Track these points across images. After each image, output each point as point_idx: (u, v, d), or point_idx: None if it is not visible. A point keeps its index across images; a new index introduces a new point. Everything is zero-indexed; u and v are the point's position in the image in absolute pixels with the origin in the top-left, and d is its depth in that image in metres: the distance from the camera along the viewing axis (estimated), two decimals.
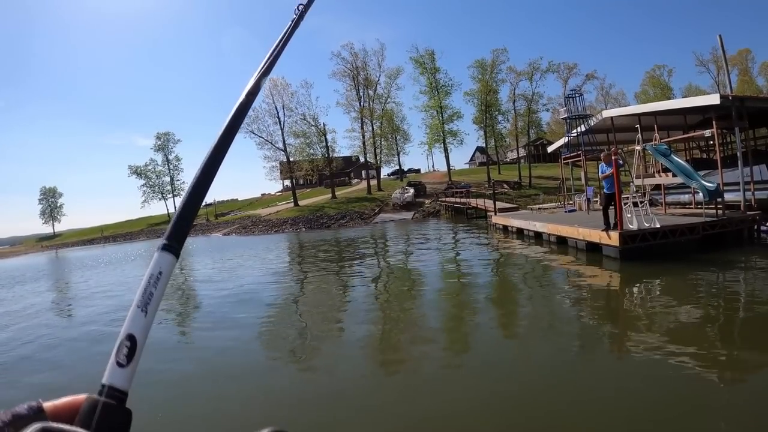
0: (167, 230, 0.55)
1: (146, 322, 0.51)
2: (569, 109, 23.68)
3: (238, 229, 45.34)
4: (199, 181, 0.59)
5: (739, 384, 4.27)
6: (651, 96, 60.41)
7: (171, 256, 0.54)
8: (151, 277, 0.52)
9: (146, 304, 0.51)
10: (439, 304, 8.74)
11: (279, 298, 10.58)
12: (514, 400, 4.30)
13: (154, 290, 0.52)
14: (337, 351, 6.38)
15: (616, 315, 7.18)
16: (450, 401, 4.35)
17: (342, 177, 69.61)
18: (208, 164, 0.60)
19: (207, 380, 5.50)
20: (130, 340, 0.49)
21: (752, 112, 13.72)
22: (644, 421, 3.65)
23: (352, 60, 52.78)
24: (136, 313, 0.51)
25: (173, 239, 0.55)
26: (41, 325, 9.88)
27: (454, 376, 5.06)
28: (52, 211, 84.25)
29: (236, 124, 0.64)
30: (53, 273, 24.84)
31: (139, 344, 0.49)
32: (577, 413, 3.91)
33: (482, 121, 52.41)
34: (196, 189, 0.58)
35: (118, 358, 0.48)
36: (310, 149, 53.22)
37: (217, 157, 0.61)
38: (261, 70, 0.71)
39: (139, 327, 0.50)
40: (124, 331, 0.49)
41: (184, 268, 19.77)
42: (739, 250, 10.68)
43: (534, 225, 15.84)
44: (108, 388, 0.46)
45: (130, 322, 0.50)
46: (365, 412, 4.36)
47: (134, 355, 0.48)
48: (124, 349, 0.48)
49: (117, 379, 0.47)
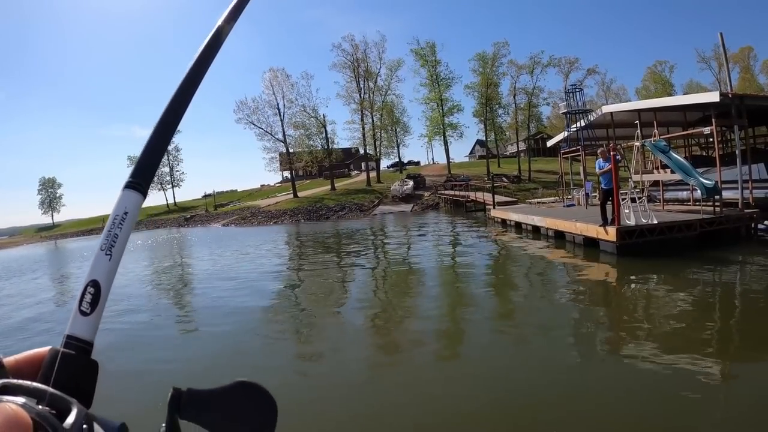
0: (133, 167, 0.52)
1: (111, 267, 0.47)
2: (569, 103, 23.61)
3: (238, 220, 45.38)
4: (169, 113, 0.55)
5: (735, 380, 4.34)
6: (652, 92, 60.17)
7: (137, 194, 0.51)
8: (116, 218, 0.49)
9: (111, 247, 0.47)
10: (437, 297, 8.81)
11: (277, 289, 10.64)
12: (511, 396, 4.36)
13: (119, 232, 0.48)
14: (335, 344, 6.44)
15: (611, 311, 7.24)
16: (447, 395, 4.42)
17: (341, 169, 69.47)
18: (179, 94, 0.55)
19: (201, 371, 5.58)
20: (94, 286, 0.46)
21: (752, 110, 13.72)
22: (640, 416, 3.71)
23: (353, 52, 52.55)
24: (100, 258, 0.47)
25: (139, 176, 0.51)
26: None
27: (451, 371, 5.13)
28: (51, 202, 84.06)
29: (213, 49, 0.59)
30: (55, 264, 24.94)
31: (104, 291, 0.46)
32: (572, 408, 3.97)
33: (482, 115, 52.31)
34: (165, 121, 0.54)
35: (82, 306, 0.45)
36: (309, 141, 53.10)
37: (187, 91, 0.56)
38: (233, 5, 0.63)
39: (104, 272, 0.47)
40: (87, 277, 0.46)
41: (183, 258, 19.81)
42: (736, 247, 10.74)
43: (532, 219, 15.88)
44: (69, 338, 0.43)
45: (94, 268, 0.47)
46: (363, 407, 4.41)
47: (99, 302, 0.45)
48: (87, 297, 0.45)
49: (80, 329, 0.44)
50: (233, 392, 0.45)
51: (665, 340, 5.25)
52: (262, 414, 0.45)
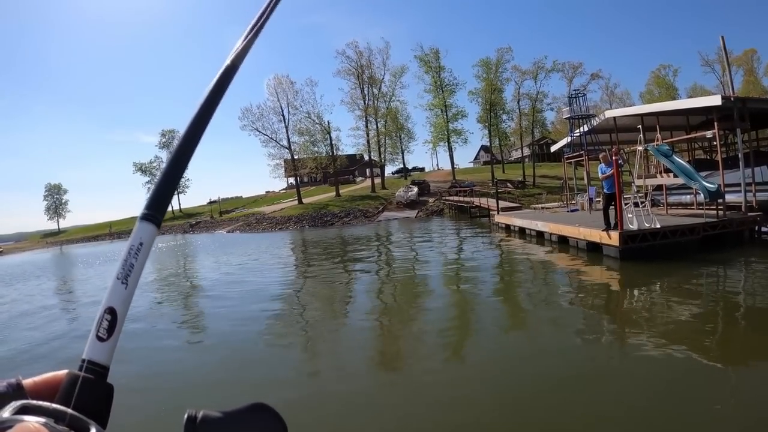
0: (148, 199, 0.54)
1: (127, 295, 0.49)
2: (572, 108, 23.67)
3: (243, 227, 45.59)
4: (181, 151, 0.56)
5: (739, 383, 4.34)
6: (656, 96, 60.18)
7: (152, 226, 0.53)
8: (132, 249, 0.51)
9: (126, 276, 0.50)
10: (442, 301, 8.84)
11: (283, 297, 10.67)
12: (517, 399, 4.39)
13: (135, 261, 0.50)
14: (342, 347, 6.52)
15: (614, 314, 7.26)
16: (453, 398, 4.46)
17: (346, 175, 69.76)
18: (191, 129, 0.57)
19: (209, 372, 5.65)
20: (110, 313, 0.48)
21: (755, 113, 13.73)
22: (645, 417, 3.75)
23: (357, 58, 52.95)
24: (117, 286, 0.49)
25: (154, 209, 0.53)
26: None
27: (459, 375, 5.16)
28: (56, 208, 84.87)
29: (222, 87, 0.61)
30: (60, 271, 25.11)
31: (120, 317, 0.48)
32: (578, 410, 4.00)
33: (487, 120, 52.41)
34: (177, 159, 0.56)
35: (99, 332, 0.47)
36: (314, 147, 53.48)
37: (202, 122, 0.58)
38: (251, 30, 0.66)
39: (120, 300, 0.49)
40: (104, 305, 0.48)
41: (187, 266, 19.94)
42: (739, 250, 10.73)
43: (536, 224, 15.92)
44: (88, 362, 0.45)
45: (111, 295, 0.49)
46: (368, 409, 4.45)
47: (115, 328, 0.48)
48: (104, 323, 0.47)
49: (97, 354, 0.46)
50: (247, 414, 0.46)
51: (668, 344, 5.25)
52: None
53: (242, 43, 0.64)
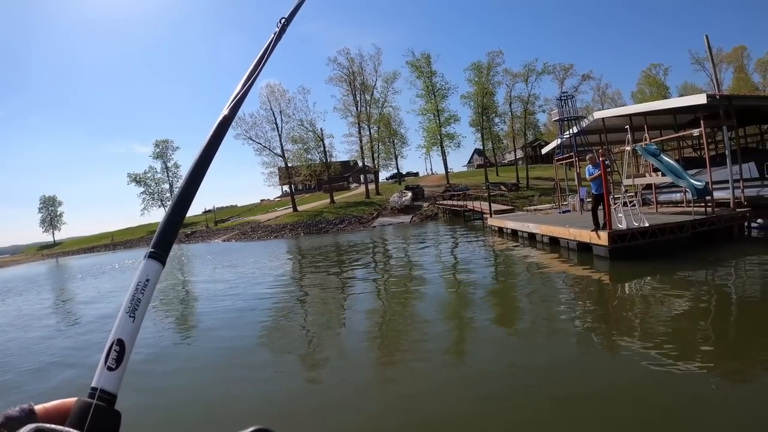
0: (154, 239, 0.58)
1: (134, 327, 0.53)
2: (561, 111, 23.79)
3: (238, 235, 45.46)
4: (185, 191, 0.61)
5: (728, 378, 4.33)
6: (647, 95, 60.57)
7: (157, 263, 0.57)
8: (139, 284, 0.54)
9: (134, 310, 0.53)
10: (437, 305, 8.82)
11: (280, 301, 10.61)
12: (510, 399, 4.39)
13: (142, 296, 0.54)
14: (339, 352, 6.51)
15: (604, 313, 7.26)
16: (449, 401, 4.45)
17: (340, 182, 69.82)
18: (193, 175, 0.61)
19: (208, 383, 5.62)
20: (119, 344, 0.51)
21: (741, 110, 13.85)
22: (637, 416, 3.76)
23: (349, 65, 53.12)
24: (125, 319, 0.52)
25: (159, 247, 0.57)
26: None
27: (453, 375, 5.17)
28: (52, 220, 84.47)
29: (220, 135, 0.65)
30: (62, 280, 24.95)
31: (128, 348, 0.51)
32: (569, 410, 3.99)
33: (479, 124, 52.68)
34: (181, 199, 0.60)
35: (108, 362, 0.50)
36: (308, 155, 53.44)
37: (202, 167, 0.62)
38: (245, 84, 0.70)
39: (128, 332, 0.52)
40: (113, 336, 0.51)
41: (185, 274, 19.85)
42: (728, 246, 10.80)
43: (528, 226, 15.96)
44: (99, 391, 0.48)
45: (119, 328, 0.52)
46: (366, 413, 4.43)
47: (123, 359, 0.51)
48: (113, 354, 0.50)
49: (107, 383, 0.49)
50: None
51: (658, 342, 5.25)
52: None
53: (238, 93, 0.68)
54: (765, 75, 60.96)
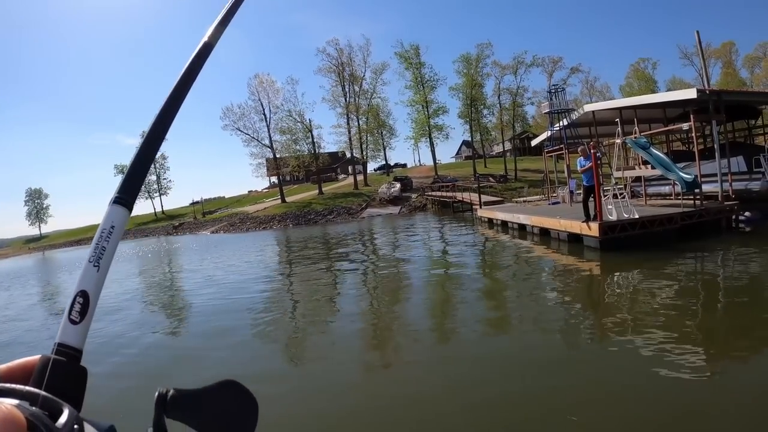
0: (120, 183, 0.54)
1: (99, 278, 0.50)
2: (551, 103, 23.86)
3: (226, 227, 45.08)
4: (153, 134, 0.57)
5: (716, 369, 4.36)
6: (636, 89, 61.13)
7: (123, 209, 0.53)
8: (103, 232, 0.51)
9: (98, 259, 0.50)
10: (427, 297, 8.82)
11: (269, 294, 10.52)
12: (500, 394, 4.34)
13: (107, 244, 0.51)
14: (328, 348, 6.40)
15: (595, 304, 7.31)
16: (438, 395, 4.43)
17: (329, 173, 69.49)
18: (162, 116, 0.58)
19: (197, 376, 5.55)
20: (82, 296, 0.48)
21: (730, 105, 14.00)
22: (626, 408, 3.76)
23: (338, 56, 52.69)
24: (89, 269, 0.50)
25: (126, 192, 0.54)
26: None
27: (443, 369, 5.11)
28: (38, 213, 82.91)
29: (191, 75, 0.61)
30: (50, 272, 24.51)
31: (92, 300, 0.48)
32: (559, 403, 3.99)
33: (468, 116, 52.72)
34: (149, 141, 0.57)
35: (71, 315, 0.47)
36: (296, 145, 53.09)
37: (171, 108, 0.59)
38: (220, 18, 0.66)
39: (92, 283, 0.49)
40: (76, 288, 0.48)
41: (173, 268, 19.66)
42: (716, 238, 10.92)
43: (518, 218, 16.00)
44: (60, 345, 0.45)
45: (83, 279, 0.49)
46: (355, 410, 4.36)
47: (87, 311, 0.48)
48: (77, 306, 0.47)
49: (70, 337, 0.46)
50: (217, 391, 0.47)
51: (647, 332, 5.28)
52: (245, 412, 0.48)
53: (218, 21, 0.64)
54: (753, 71, 61.70)
